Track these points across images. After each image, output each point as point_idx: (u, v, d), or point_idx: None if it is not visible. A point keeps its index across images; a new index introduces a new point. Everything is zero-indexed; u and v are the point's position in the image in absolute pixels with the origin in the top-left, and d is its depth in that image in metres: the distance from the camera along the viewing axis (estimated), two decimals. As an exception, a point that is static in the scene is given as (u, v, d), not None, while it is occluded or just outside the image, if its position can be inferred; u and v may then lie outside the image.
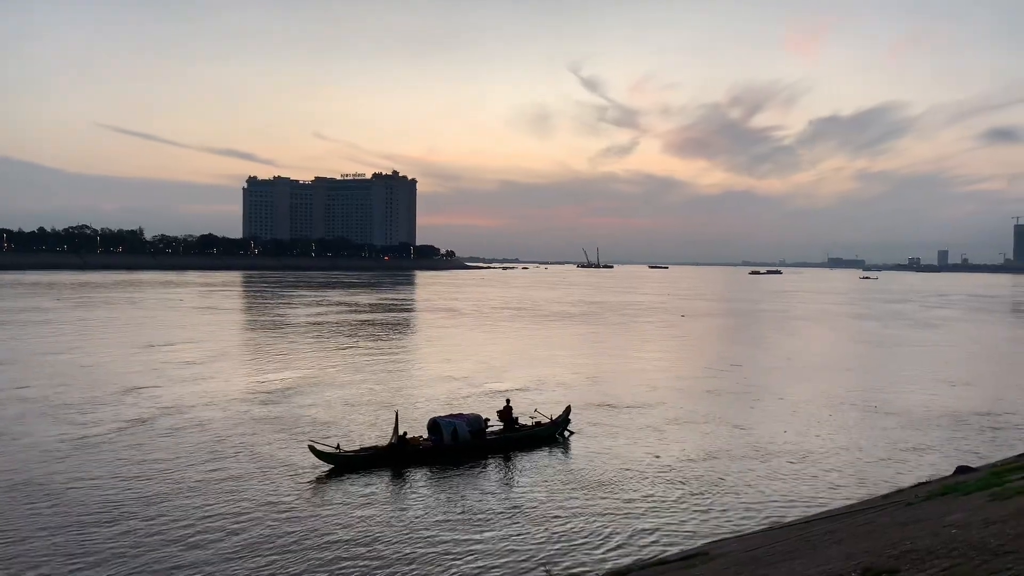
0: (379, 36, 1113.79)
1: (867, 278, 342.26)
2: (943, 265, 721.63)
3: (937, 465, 24.82)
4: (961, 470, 20.92)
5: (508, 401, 29.82)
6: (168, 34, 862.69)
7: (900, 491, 19.45)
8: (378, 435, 27.90)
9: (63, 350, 51.36)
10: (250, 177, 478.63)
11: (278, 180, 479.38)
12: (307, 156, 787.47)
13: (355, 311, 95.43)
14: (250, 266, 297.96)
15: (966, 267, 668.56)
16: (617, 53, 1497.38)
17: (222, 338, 62.19)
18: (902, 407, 35.51)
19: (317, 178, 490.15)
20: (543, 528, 19.35)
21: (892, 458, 26.51)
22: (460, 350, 56.21)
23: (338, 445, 24.92)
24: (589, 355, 55.18)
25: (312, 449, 24.42)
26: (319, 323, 76.44)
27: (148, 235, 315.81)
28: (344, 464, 24.22)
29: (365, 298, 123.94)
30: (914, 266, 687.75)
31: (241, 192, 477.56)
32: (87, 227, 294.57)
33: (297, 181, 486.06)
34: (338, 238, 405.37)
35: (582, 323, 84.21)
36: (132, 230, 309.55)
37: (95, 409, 32.59)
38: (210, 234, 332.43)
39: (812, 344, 66.41)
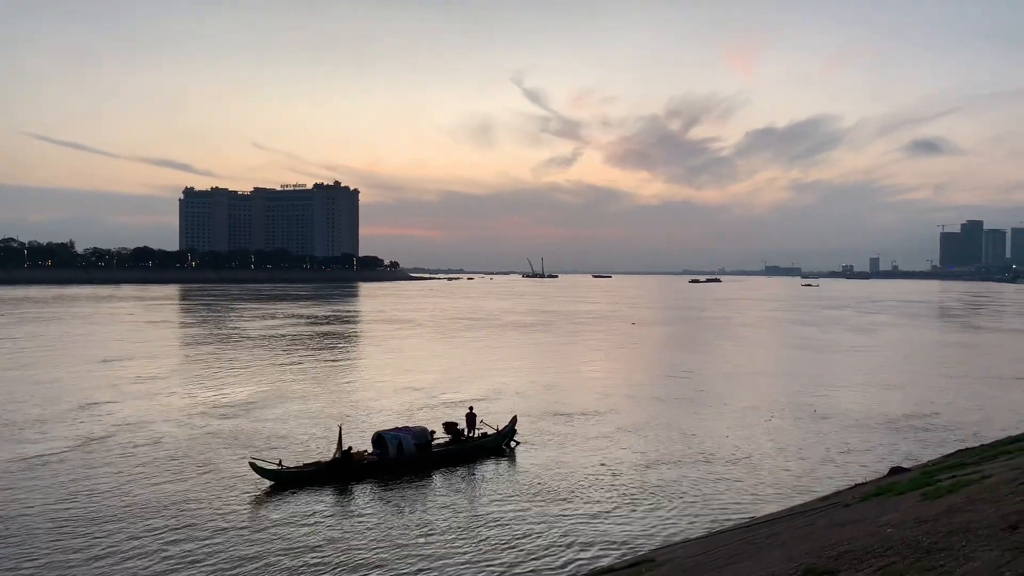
0: (319, 44, 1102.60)
1: (808, 285, 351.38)
2: (875, 272, 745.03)
3: (872, 466, 25.56)
4: (895, 471, 21.55)
5: (471, 408, 29.92)
6: (98, 39, 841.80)
7: (838, 493, 19.94)
8: (331, 448, 27.49)
9: (16, 366, 50.21)
10: (187, 188, 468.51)
11: (216, 191, 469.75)
12: (246, 166, 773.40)
13: (311, 323, 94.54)
14: (187, 279, 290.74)
15: (896, 274, 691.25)
16: (558, 65, 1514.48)
17: (177, 352, 61.33)
18: (840, 410, 36.51)
19: (256, 189, 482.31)
20: (488, 540, 19.28)
21: (830, 461, 27.21)
22: (419, 361, 56.22)
23: (280, 461, 24.46)
24: (545, 364, 55.68)
25: (253, 466, 23.91)
26: (274, 336, 75.57)
27: (79, 248, 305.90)
28: (286, 480, 23.76)
29: (317, 310, 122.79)
30: (847, 273, 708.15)
31: (177, 203, 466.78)
32: (13, 240, 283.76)
33: (235, 192, 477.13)
34: (278, 250, 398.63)
35: (537, 332, 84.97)
36: (62, 243, 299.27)
37: (49, 426, 31.94)
38: (145, 247, 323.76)
39: (757, 350, 68.05)
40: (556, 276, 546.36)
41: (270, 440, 29.75)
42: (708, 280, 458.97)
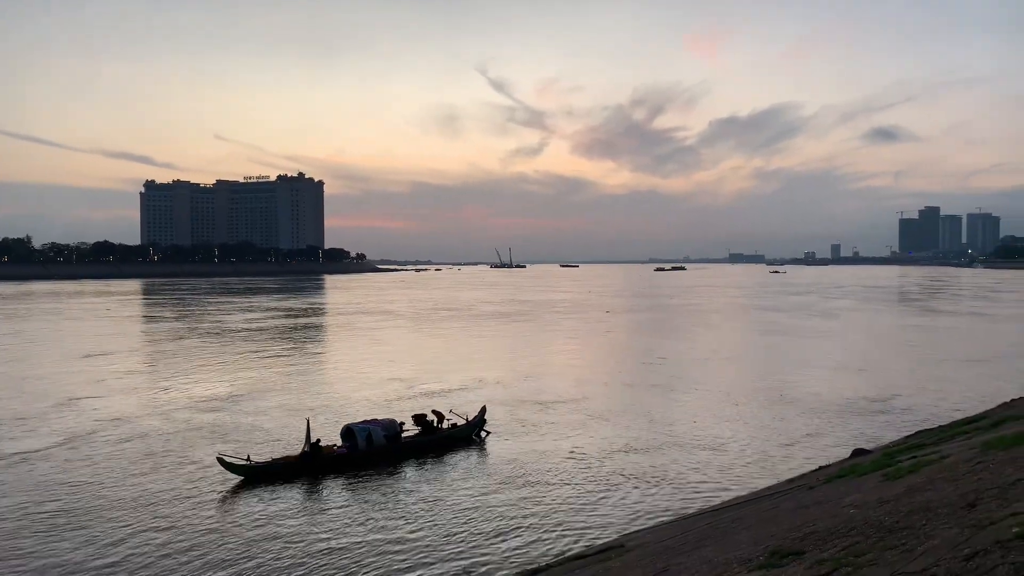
0: (280, 34, 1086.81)
1: (776, 272, 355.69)
2: (836, 258, 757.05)
3: (836, 449, 26.03)
4: (857, 453, 22.00)
5: (434, 411, 29.63)
6: (52, 28, 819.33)
7: (802, 476, 20.30)
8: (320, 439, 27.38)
9: None
10: (147, 181, 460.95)
11: (177, 184, 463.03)
12: (207, 159, 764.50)
13: (289, 316, 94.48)
14: (150, 274, 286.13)
15: (857, 260, 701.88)
16: (523, 55, 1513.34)
17: (158, 346, 60.90)
18: (805, 394, 37.13)
19: (219, 181, 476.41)
20: (460, 529, 19.32)
21: (795, 444, 27.68)
22: (400, 352, 56.67)
23: (248, 456, 24.26)
24: (523, 352, 56.44)
25: (221, 461, 23.68)
26: (254, 329, 75.40)
27: (36, 243, 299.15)
28: (255, 475, 23.57)
29: (293, 303, 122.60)
30: (809, 260, 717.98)
31: (138, 197, 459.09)
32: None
33: (198, 184, 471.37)
34: (242, 242, 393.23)
35: (516, 321, 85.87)
36: (19, 238, 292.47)
37: (32, 422, 31.83)
38: (105, 241, 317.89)
39: (727, 336, 69.48)
40: (524, 266, 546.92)
41: (251, 433, 29.68)
42: (673, 268, 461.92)
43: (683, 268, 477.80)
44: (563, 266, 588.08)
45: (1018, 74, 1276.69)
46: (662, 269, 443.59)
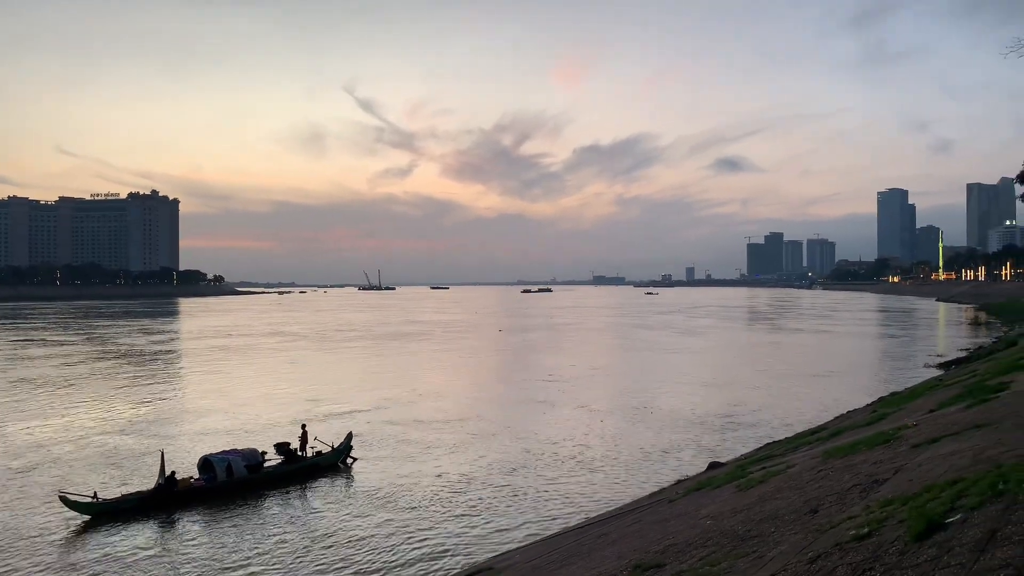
0: (132, 41, 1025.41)
1: (651, 293, 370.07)
2: (691, 280, 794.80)
3: (694, 462, 27.22)
4: (713, 465, 23.11)
5: (304, 426, 28.89)
6: None
7: (663, 489, 21.09)
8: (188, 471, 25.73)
9: None
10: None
11: (13, 200, 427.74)
12: (49, 173, 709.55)
13: (189, 339, 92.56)
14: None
15: (710, 282, 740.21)
16: (392, 75, 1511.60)
17: (48, 372, 55.77)
18: (667, 410, 38.70)
19: (62, 198, 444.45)
20: (322, 559, 18.74)
21: (658, 458, 28.70)
22: (310, 373, 56.88)
23: (95, 493, 22.61)
24: (427, 371, 58.71)
25: (64, 500, 21.97)
26: (164, 352, 73.85)
27: None
28: (103, 513, 21.99)
29: (179, 326, 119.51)
30: (667, 282, 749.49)
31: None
32: None
33: (37, 201, 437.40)
34: (88, 264, 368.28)
35: (418, 341, 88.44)
36: None
37: None
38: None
39: (607, 353, 73.97)
40: (394, 288, 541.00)
41: (139, 460, 28.70)
42: (540, 290, 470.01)
43: (549, 290, 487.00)
44: (433, 288, 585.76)
45: (849, 112, 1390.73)
46: (529, 291, 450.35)
